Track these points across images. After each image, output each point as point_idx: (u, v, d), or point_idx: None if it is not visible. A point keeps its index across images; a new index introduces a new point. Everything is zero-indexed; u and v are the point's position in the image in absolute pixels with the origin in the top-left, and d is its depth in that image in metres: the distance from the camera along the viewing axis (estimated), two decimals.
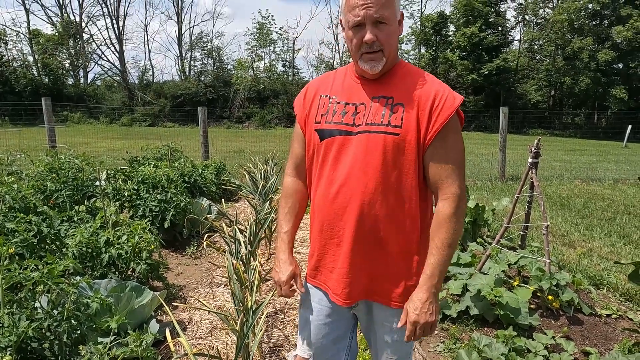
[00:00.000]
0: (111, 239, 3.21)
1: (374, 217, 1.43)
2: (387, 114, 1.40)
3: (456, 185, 1.39)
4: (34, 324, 1.95)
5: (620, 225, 6.26)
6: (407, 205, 1.42)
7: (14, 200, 2.93)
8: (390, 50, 1.41)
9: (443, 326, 3.04)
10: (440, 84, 1.44)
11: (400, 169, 1.40)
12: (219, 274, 3.90)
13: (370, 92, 1.45)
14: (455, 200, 1.39)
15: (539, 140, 3.21)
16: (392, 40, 1.42)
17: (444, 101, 1.39)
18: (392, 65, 1.47)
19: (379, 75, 1.44)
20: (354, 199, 1.43)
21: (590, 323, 3.02)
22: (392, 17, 1.39)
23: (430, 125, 1.38)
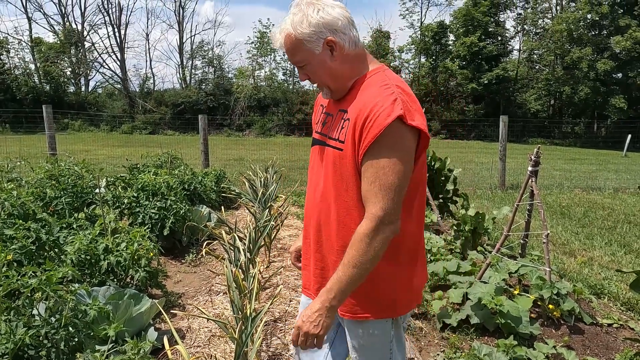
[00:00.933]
0: (110, 246, 3.20)
1: (328, 226, 1.47)
2: (339, 128, 1.43)
3: (379, 206, 1.31)
4: (31, 331, 1.94)
5: (620, 235, 6.25)
6: (353, 216, 1.41)
7: (13, 207, 2.93)
8: (326, 80, 1.44)
9: (443, 335, 3.02)
10: (385, 97, 1.33)
11: (347, 182, 1.40)
12: (218, 281, 3.89)
13: (337, 104, 1.50)
14: (373, 221, 1.31)
15: (538, 149, 3.22)
16: (322, 73, 1.42)
17: (377, 117, 1.30)
18: (351, 80, 1.45)
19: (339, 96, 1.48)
20: (315, 204, 1.52)
21: (592, 332, 3.00)
22: (307, 57, 1.40)
23: (362, 141, 1.34)
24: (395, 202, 1.32)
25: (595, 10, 28.79)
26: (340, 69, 1.42)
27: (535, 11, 34.54)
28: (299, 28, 1.37)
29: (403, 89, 1.38)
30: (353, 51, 1.42)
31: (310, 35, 1.37)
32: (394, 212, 1.32)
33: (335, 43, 1.39)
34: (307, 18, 1.37)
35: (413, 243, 1.48)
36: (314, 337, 1.35)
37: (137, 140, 24.72)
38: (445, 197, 6.00)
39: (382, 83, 1.38)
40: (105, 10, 34.71)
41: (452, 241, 4.50)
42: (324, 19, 1.37)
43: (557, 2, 34.81)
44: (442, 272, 3.47)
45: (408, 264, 1.48)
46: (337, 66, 1.41)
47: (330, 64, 1.41)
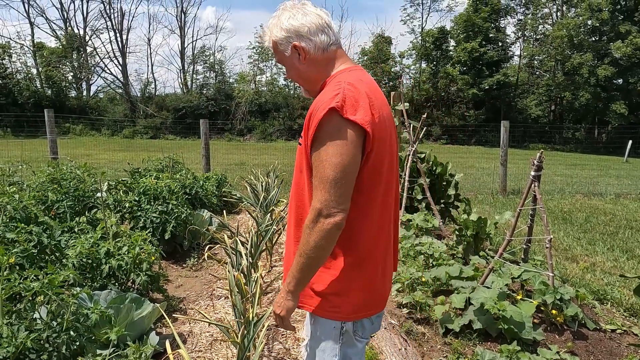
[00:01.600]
0: (111, 249, 3.19)
1: (293, 215, 1.54)
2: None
3: (317, 199, 1.34)
4: (32, 335, 1.93)
5: (622, 240, 6.23)
6: (307, 210, 1.45)
7: (15, 211, 2.92)
8: (302, 83, 1.55)
9: (446, 340, 3.01)
10: (329, 92, 1.38)
11: (302, 176, 1.49)
12: (220, 286, 3.87)
13: None
14: (312, 212, 1.34)
15: (541, 154, 3.21)
16: (295, 75, 1.54)
17: (317, 111, 1.35)
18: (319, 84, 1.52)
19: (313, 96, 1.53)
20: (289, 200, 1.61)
21: (595, 338, 2.98)
22: (282, 58, 1.53)
23: (308, 136, 1.39)
24: (333, 195, 1.31)
25: (595, 16, 28.89)
26: (307, 71, 1.51)
27: (536, 17, 34.66)
28: (274, 32, 1.50)
29: (355, 85, 1.38)
30: (320, 55, 1.49)
31: (282, 40, 1.49)
32: (332, 205, 1.32)
33: (301, 48, 1.47)
34: (279, 23, 1.49)
35: (368, 244, 1.46)
36: (278, 317, 1.45)
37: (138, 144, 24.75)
38: (447, 202, 6.00)
39: (336, 82, 1.42)
40: (107, 16, 34.88)
41: (454, 246, 4.48)
42: (292, 25, 1.47)
43: (557, 8, 34.93)
44: (445, 277, 3.46)
45: (360, 265, 1.46)
46: (304, 69, 1.50)
47: (299, 66, 1.50)
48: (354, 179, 1.36)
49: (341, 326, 1.47)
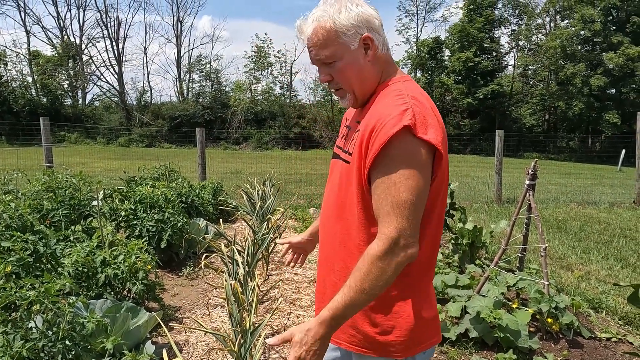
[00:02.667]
0: (107, 258, 3.18)
1: (330, 244, 1.39)
2: (350, 140, 1.34)
3: (392, 226, 1.16)
4: (28, 344, 1.92)
5: (617, 249, 6.26)
6: (352, 236, 1.31)
7: (11, 219, 2.91)
8: (351, 85, 1.32)
9: (442, 349, 3.01)
10: (396, 106, 1.22)
11: (351, 198, 1.30)
12: (216, 294, 3.86)
13: (356, 116, 1.41)
14: (386, 242, 1.16)
15: (535, 162, 3.25)
16: (350, 74, 1.30)
17: (383, 127, 1.18)
18: (372, 90, 1.35)
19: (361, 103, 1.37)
20: (323, 221, 1.44)
21: (590, 347, 2.99)
22: (339, 52, 1.28)
23: (368, 154, 1.22)
24: (411, 222, 1.17)
25: (588, 27, 29.28)
26: (370, 70, 1.31)
27: (529, 27, 35.07)
28: (337, 18, 1.25)
29: (419, 100, 1.24)
30: (383, 54, 1.33)
31: (348, 28, 1.26)
32: (411, 234, 1.17)
33: (372, 41, 1.28)
34: (346, 9, 1.26)
35: (424, 269, 1.32)
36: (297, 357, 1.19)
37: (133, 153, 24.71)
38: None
39: (397, 93, 1.26)
40: (103, 24, 35.01)
41: (450, 255, 4.50)
42: (363, 14, 1.27)
43: (550, 18, 35.38)
44: (441, 285, 3.47)
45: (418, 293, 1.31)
46: (368, 67, 1.30)
47: (363, 63, 1.30)
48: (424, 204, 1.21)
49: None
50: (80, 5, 35.50)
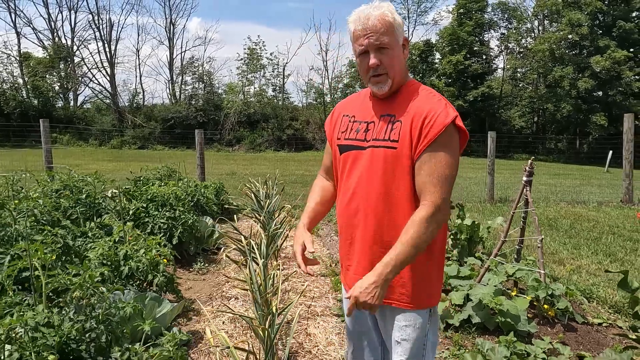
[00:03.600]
0: (129, 252, 3.35)
1: (378, 220, 1.59)
2: (389, 130, 1.56)
3: (437, 195, 1.48)
4: (76, 325, 2.09)
5: (605, 245, 6.53)
6: (404, 208, 1.55)
7: (41, 214, 3.07)
8: (394, 72, 1.57)
9: (447, 335, 3.22)
10: (437, 102, 1.54)
11: (398, 177, 1.54)
12: (228, 288, 4.04)
13: (379, 110, 1.63)
14: (432, 207, 1.47)
15: (532, 160, 3.48)
16: (395, 63, 1.57)
17: (435, 119, 1.49)
18: (400, 85, 1.61)
19: (387, 94, 1.61)
20: (362, 204, 1.62)
21: (584, 330, 3.22)
22: (392, 42, 1.55)
23: (421, 140, 1.50)
24: (448, 192, 1.51)
25: (575, 31, 29.85)
26: (404, 66, 1.61)
27: (519, 31, 35.64)
28: (396, 17, 1.56)
29: (445, 98, 1.59)
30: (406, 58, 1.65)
31: (400, 26, 1.57)
32: (447, 202, 1.51)
33: (408, 43, 1.63)
34: (397, 15, 1.57)
35: (445, 236, 1.66)
36: (370, 307, 1.46)
37: (126, 155, 24.70)
38: None
39: (427, 92, 1.59)
40: (95, 26, 34.91)
41: (449, 250, 4.72)
42: (402, 23, 1.60)
43: (539, 22, 35.98)
44: (443, 276, 3.68)
45: (441, 255, 1.65)
46: (403, 63, 1.61)
47: (402, 57, 1.59)
48: None
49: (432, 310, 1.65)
50: (72, 7, 35.38)
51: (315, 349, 2.98)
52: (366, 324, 1.80)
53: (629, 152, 10.88)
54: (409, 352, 1.61)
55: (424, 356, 1.64)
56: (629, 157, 10.82)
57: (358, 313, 1.78)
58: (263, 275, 2.73)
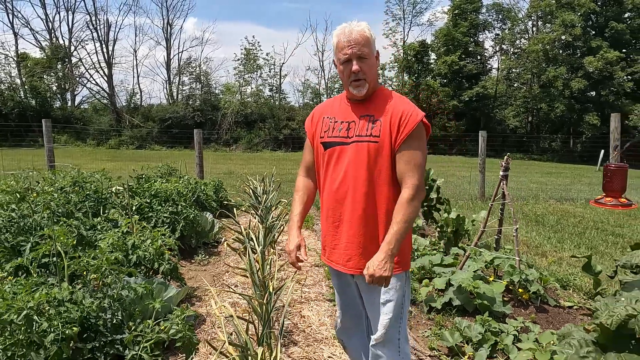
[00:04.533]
0: (136, 242, 3.62)
1: (364, 202, 1.91)
2: (370, 127, 1.90)
3: (415, 178, 1.83)
4: (96, 302, 2.36)
5: (589, 239, 6.83)
6: (384, 189, 1.89)
7: (58, 207, 3.33)
8: (370, 78, 1.91)
9: (430, 317, 3.50)
10: (408, 103, 1.92)
11: (380, 165, 1.88)
12: (228, 277, 4.31)
13: (358, 112, 1.96)
14: (413, 188, 1.82)
15: (508, 157, 3.77)
16: (372, 71, 1.92)
17: (410, 117, 1.86)
18: (374, 90, 1.96)
19: (364, 97, 1.94)
20: (350, 188, 1.93)
21: (555, 312, 3.51)
22: (370, 53, 1.90)
23: (399, 134, 1.85)
24: (423, 175, 1.87)
25: (569, 32, 30.23)
26: (376, 73, 1.97)
27: (513, 32, 36.00)
28: (372, 33, 1.93)
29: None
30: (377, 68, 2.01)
31: (374, 42, 1.94)
32: (423, 182, 1.87)
33: (379, 56, 1.98)
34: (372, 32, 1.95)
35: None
36: (385, 278, 1.76)
37: (124, 155, 24.88)
38: (430, 205, 6.53)
39: (398, 96, 1.97)
40: (93, 27, 35.06)
41: (436, 242, 5.00)
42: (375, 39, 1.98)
43: (533, 23, 36.36)
44: (428, 264, 3.97)
45: (411, 229, 1.96)
46: (376, 71, 1.97)
47: (375, 66, 1.95)
48: None
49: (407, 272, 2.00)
50: (69, 7, 35.55)
51: (308, 328, 3.27)
52: (352, 296, 2.14)
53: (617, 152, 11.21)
54: (393, 310, 1.92)
55: (403, 312, 1.97)
56: (616, 156, 11.16)
57: (347, 289, 2.12)
58: (261, 261, 3.01)
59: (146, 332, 2.42)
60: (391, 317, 1.92)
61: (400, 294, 1.94)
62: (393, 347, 1.94)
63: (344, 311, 2.17)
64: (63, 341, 2.15)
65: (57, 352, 2.13)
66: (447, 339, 2.98)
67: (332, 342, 3.07)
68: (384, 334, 1.92)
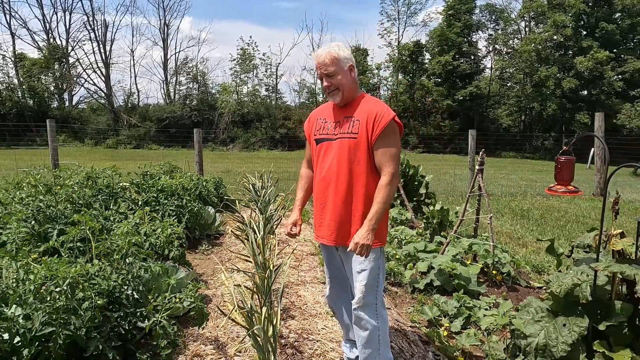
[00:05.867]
0: (148, 231, 4.00)
1: (344, 188, 2.32)
2: (350, 126, 2.31)
3: (391, 167, 2.23)
4: (121, 277, 2.74)
5: (569, 231, 7.25)
6: (362, 178, 2.29)
7: (79, 198, 3.70)
8: (343, 88, 2.31)
9: (413, 296, 3.90)
10: (382, 106, 2.30)
11: (359, 157, 2.28)
12: (231, 265, 4.69)
13: (342, 114, 2.38)
14: (389, 175, 2.22)
15: (483, 152, 4.17)
16: (343, 82, 2.30)
17: (382, 116, 2.25)
18: (353, 97, 2.36)
19: (343, 103, 2.36)
20: (333, 177, 2.35)
21: (525, 291, 3.92)
22: (338, 70, 2.29)
23: (374, 131, 2.24)
24: (397, 164, 2.27)
25: (560, 32, 30.75)
26: (351, 83, 2.35)
27: (505, 32, 36.50)
28: (341, 52, 2.32)
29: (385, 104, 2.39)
30: (356, 77, 2.40)
31: (345, 58, 2.33)
32: (397, 170, 2.26)
33: (352, 69, 2.36)
34: (343, 50, 2.35)
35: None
36: (366, 246, 2.17)
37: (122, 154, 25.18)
38: (419, 200, 6.94)
39: (374, 100, 2.38)
40: (90, 27, 35.33)
41: (422, 233, 5.40)
42: (350, 54, 2.37)
43: (525, 24, 36.86)
44: (413, 251, 4.37)
45: (387, 211, 2.37)
46: (351, 81, 2.35)
47: (349, 78, 2.34)
48: None
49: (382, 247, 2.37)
50: (67, 8, 35.80)
51: (304, 306, 3.66)
52: (338, 266, 2.59)
53: (600, 149, 11.68)
54: (366, 277, 2.30)
55: (379, 281, 2.35)
56: (600, 153, 11.62)
57: (333, 260, 2.55)
58: (262, 245, 3.39)
59: (164, 303, 2.80)
60: (365, 284, 2.30)
61: (374, 265, 2.31)
62: (371, 310, 2.32)
63: (332, 280, 2.60)
64: (96, 309, 2.53)
65: (91, 317, 2.50)
66: (426, 313, 3.38)
67: (325, 317, 3.46)
68: (361, 298, 2.30)
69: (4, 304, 2.43)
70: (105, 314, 2.68)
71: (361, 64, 35.00)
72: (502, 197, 11.21)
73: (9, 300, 2.39)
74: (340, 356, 2.82)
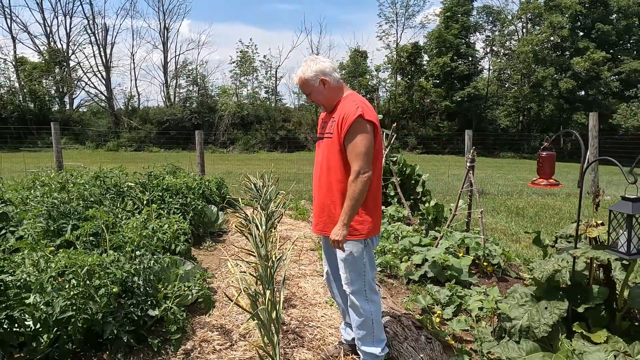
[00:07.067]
0: (155, 227, 4.20)
1: (325, 184, 2.54)
2: (330, 127, 2.50)
3: (357, 165, 2.34)
4: (134, 266, 2.94)
5: (562, 228, 7.45)
6: (336, 173, 2.47)
7: (91, 196, 3.90)
8: (321, 102, 2.53)
9: (408, 287, 4.10)
10: (351, 106, 2.40)
11: (334, 154, 2.46)
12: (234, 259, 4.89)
13: (329, 115, 2.58)
14: (354, 173, 2.35)
15: (474, 150, 4.38)
16: (319, 97, 2.52)
17: (348, 116, 2.37)
18: (336, 100, 2.53)
19: (329, 110, 2.57)
20: (318, 172, 2.59)
21: (514, 282, 4.12)
22: (309, 88, 2.50)
23: (342, 130, 2.39)
24: (365, 161, 2.36)
25: (557, 33, 31.01)
26: (328, 95, 2.53)
27: (503, 34, 36.75)
28: (307, 72, 2.50)
29: (364, 101, 2.49)
30: (335, 85, 2.53)
31: (312, 77, 2.50)
32: (365, 166, 2.35)
33: (325, 81, 2.51)
34: (309, 68, 2.50)
35: (374, 192, 2.52)
36: (338, 242, 2.38)
37: (123, 157, 25.37)
38: (416, 198, 7.13)
39: (351, 100, 2.49)
40: (91, 31, 35.56)
41: (418, 229, 5.60)
42: (319, 68, 2.50)
43: (522, 25, 37.12)
44: (408, 245, 4.57)
45: (372, 205, 2.52)
46: (326, 94, 2.52)
47: (323, 92, 2.52)
48: (372, 153, 2.38)
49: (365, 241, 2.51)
50: (67, 12, 36.05)
51: (304, 296, 3.86)
52: (332, 254, 2.79)
53: (594, 148, 11.88)
54: (345, 268, 2.52)
55: (365, 270, 2.54)
56: (594, 152, 11.82)
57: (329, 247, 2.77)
58: (264, 239, 3.59)
59: (174, 291, 3.01)
60: (348, 273, 2.51)
61: (357, 255, 2.49)
62: (361, 296, 2.55)
63: (328, 264, 2.83)
64: (111, 296, 2.73)
65: (107, 303, 2.70)
66: (420, 302, 3.58)
67: (325, 306, 3.66)
68: (348, 285, 2.54)
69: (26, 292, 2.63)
70: (119, 302, 2.89)
71: (360, 66, 35.26)
72: (499, 196, 11.42)
73: (32, 289, 2.60)
74: (339, 339, 3.03)
